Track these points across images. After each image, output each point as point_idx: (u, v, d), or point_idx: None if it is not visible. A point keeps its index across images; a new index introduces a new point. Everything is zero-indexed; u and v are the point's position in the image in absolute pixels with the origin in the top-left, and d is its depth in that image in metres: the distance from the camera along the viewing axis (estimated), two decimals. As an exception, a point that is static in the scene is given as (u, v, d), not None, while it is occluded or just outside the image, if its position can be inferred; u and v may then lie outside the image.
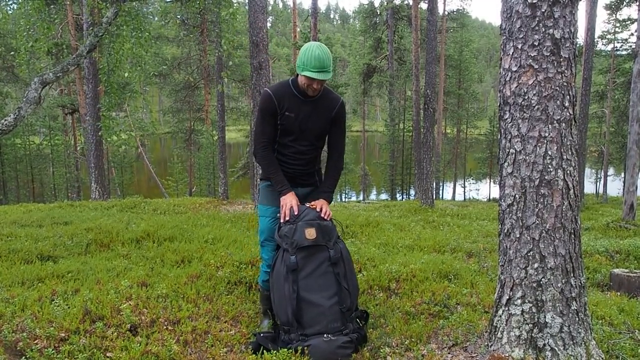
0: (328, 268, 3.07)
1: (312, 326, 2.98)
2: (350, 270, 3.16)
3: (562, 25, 2.52)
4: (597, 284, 5.06)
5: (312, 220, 3.11)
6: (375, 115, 69.37)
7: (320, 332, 2.96)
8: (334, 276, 3.07)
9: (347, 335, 2.99)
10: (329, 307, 3.01)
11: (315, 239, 3.07)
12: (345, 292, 3.07)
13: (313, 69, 2.98)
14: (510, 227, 2.68)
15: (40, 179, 28.96)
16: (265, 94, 3.17)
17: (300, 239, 3.05)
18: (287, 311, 2.99)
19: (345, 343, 2.95)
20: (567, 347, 2.58)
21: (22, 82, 25.66)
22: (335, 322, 3.00)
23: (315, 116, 3.22)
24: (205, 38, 25.48)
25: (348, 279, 3.12)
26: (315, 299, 3.01)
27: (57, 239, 5.87)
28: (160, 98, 60.90)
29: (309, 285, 3.03)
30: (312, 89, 3.10)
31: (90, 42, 6.86)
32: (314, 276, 3.05)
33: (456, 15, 36.41)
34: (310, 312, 2.99)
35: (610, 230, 9.15)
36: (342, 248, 3.17)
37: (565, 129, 2.57)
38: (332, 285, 3.06)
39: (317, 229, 3.09)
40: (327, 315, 2.99)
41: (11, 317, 3.17)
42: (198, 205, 12.49)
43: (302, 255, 3.05)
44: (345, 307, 3.04)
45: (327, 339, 2.92)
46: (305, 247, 3.06)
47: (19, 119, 5.74)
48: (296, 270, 3.02)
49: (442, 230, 8.34)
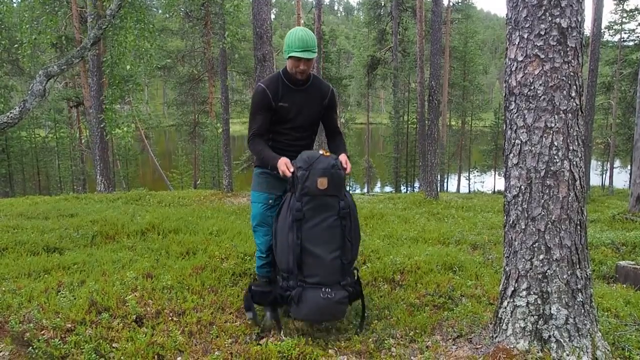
0: (335, 222, 3.04)
1: (311, 276, 2.99)
2: (355, 223, 3.15)
3: (569, 14, 2.49)
4: (603, 276, 5.05)
5: (325, 168, 3.02)
6: (379, 108, 69.15)
7: (319, 283, 2.98)
8: (340, 230, 3.05)
9: (345, 287, 3.04)
10: (330, 260, 3.01)
11: (327, 189, 3.01)
12: (348, 246, 3.07)
13: (297, 49, 3.07)
14: (516, 219, 2.66)
15: (46, 171, 29.06)
16: (259, 88, 3.24)
17: (312, 187, 2.99)
18: (289, 259, 3.01)
19: (342, 299, 3.00)
20: (572, 339, 2.57)
21: (27, 75, 25.69)
22: (335, 275, 3.02)
23: (308, 103, 3.30)
24: (209, 30, 25.41)
25: (353, 232, 3.12)
26: (318, 251, 3.00)
27: (63, 231, 5.90)
28: (164, 91, 60.85)
29: (313, 237, 3.00)
30: (300, 72, 3.16)
31: (94, 35, 6.85)
32: (319, 229, 3.01)
33: (461, 7, 36.09)
34: (311, 262, 3.00)
35: (617, 223, 9.09)
36: (350, 200, 3.14)
37: (572, 119, 2.54)
38: (337, 239, 3.04)
39: (330, 178, 3.02)
40: (327, 267, 3.01)
41: (18, 308, 3.19)
42: (202, 198, 12.51)
43: (311, 206, 3.00)
44: (346, 260, 3.06)
45: (324, 296, 2.96)
46: (315, 196, 3.00)
47: (24, 111, 5.76)
48: (302, 220, 2.99)
49: (446, 222, 8.32)
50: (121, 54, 8.11)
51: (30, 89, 5.93)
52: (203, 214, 7.66)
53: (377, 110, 67.49)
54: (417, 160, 30.27)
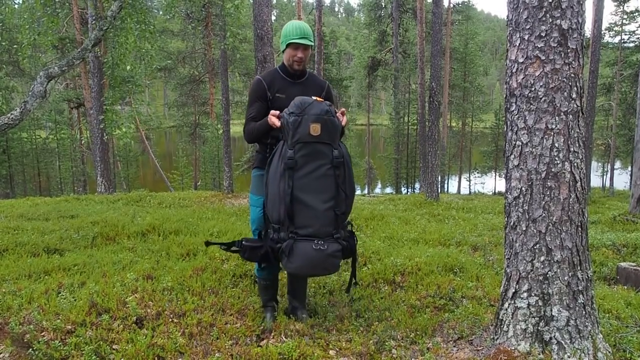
0: (328, 171, 2.96)
1: (303, 227, 2.91)
2: (349, 174, 3.07)
3: (569, 16, 2.49)
4: (604, 277, 5.04)
5: (318, 114, 2.92)
6: (380, 109, 69.19)
7: (311, 235, 2.90)
8: (334, 179, 2.97)
9: (338, 240, 2.96)
10: (323, 210, 2.93)
11: (320, 136, 2.92)
12: (342, 196, 2.99)
13: (295, 37, 3.12)
14: (517, 220, 2.66)
15: (46, 172, 29.10)
16: (256, 79, 3.31)
17: (304, 134, 2.89)
18: (279, 209, 2.93)
19: (335, 252, 2.93)
20: (573, 341, 2.57)
21: (28, 77, 25.76)
22: (328, 227, 2.94)
23: (306, 94, 3.22)
24: (210, 32, 25.44)
25: (347, 183, 3.03)
26: (310, 201, 2.92)
27: (64, 232, 5.90)
28: (165, 92, 60.95)
29: (305, 185, 2.92)
30: (297, 61, 3.19)
31: (95, 36, 6.85)
32: (312, 177, 2.93)
33: (461, 8, 36.11)
34: (304, 213, 2.91)
35: (617, 224, 9.08)
36: (344, 151, 3.05)
37: (573, 120, 2.54)
38: (330, 188, 2.96)
39: (323, 124, 2.92)
40: (320, 218, 2.92)
41: (18, 310, 3.19)
42: (203, 199, 12.51)
43: (304, 153, 2.91)
44: (340, 210, 2.98)
45: (317, 247, 2.88)
46: (308, 143, 2.91)
47: (25, 112, 5.76)
48: (293, 169, 2.91)
49: (447, 223, 8.31)
50: (122, 55, 8.12)
51: (31, 90, 5.93)
52: (203, 215, 7.66)
53: (377, 111, 67.51)
54: (417, 161, 30.27)
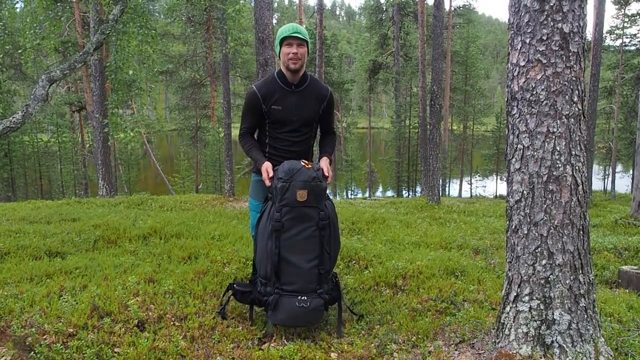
0: (314, 232, 3.08)
1: (289, 284, 3.07)
2: (334, 233, 3.20)
3: (571, 19, 2.49)
4: (606, 281, 5.03)
5: (306, 181, 3.04)
6: (381, 112, 69.19)
7: (295, 291, 3.05)
8: (318, 240, 3.09)
9: (321, 295, 3.10)
10: (308, 269, 3.07)
11: (307, 201, 3.05)
12: (326, 256, 3.12)
13: (288, 32, 3.13)
14: (518, 224, 2.66)
15: (48, 176, 29.15)
16: (251, 91, 3.26)
17: (291, 199, 3.03)
18: (267, 266, 3.08)
19: (318, 307, 3.08)
20: (575, 344, 2.56)
21: (30, 80, 25.83)
22: (312, 284, 3.09)
23: (304, 106, 3.28)
24: (211, 35, 25.49)
25: (332, 242, 3.16)
26: (295, 261, 3.06)
27: (65, 235, 5.90)
28: (166, 95, 61.04)
29: (291, 246, 3.06)
30: (292, 60, 3.15)
31: (97, 40, 6.87)
32: (297, 239, 3.07)
33: (462, 11, 36.17)
34: (289, 271, 3.07)
35: (619, 227, 9.08)
36: (330, 210, 3.16)
37: (574, 124, 2.54)
38: (315, 249, 3.09)
39: (310, 190, 3.04)
40: (304, 276, 3.07)
41: (20, 313, 3.19)
42: (204, 202, 12.52)
43: (290, 217, 3.04)
44: (324, 269, 3.12)
45: (300, 305, 3.03)
46: (295, 207, 3.04)
47: (26, 116, 5.77)
48: (280, 231, 3.05)
49: (448, 227, 8.31)
50: (124, 58, 8.13)
51: (33, 94, 5.95)
52: (205, 218, 7.67)
53: (378, 114, 67.50)
54: (418, 164, 30.27)
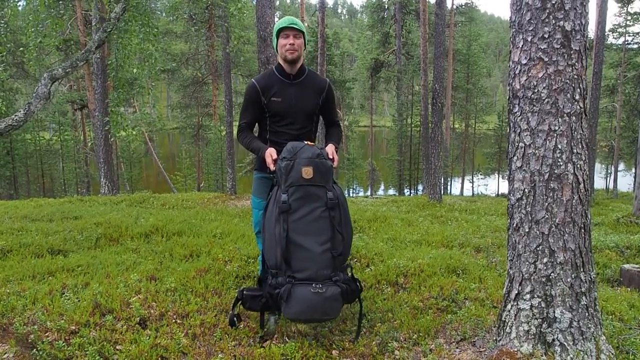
0: (323, 213, 2.94)
1: (301, 271, 2.86)
2: (345, 216, 3.04)
3: (572, 17, 2.49)
4: (607, 279, 5.03)
5: (310, 157, 2.94)
6: (383, 110, 69.13)
7: (309, 279, 2.85)
8: (329, 221, 2.94)
9: (337, 283, 2.88)
10: (320, 252, 2.89)
11: (313, 179, 2.93)
12: (338, 238, 2.95)
13: (283, 24, 3.15)
14: (520, 222, 2.66)
15: (50, 174, 29.20)
16: (250, 84, 3.26)
17: (296, 178, 2.92)
18: (276, 253, 2.89)
19: (334, 295, 2.84)
20: (576, 342, 2.56)
21: (32, 78, 25.84)
22: (326, 269, 2.89)
23: (303, 97, 3.26)
24: (213, 33, 25.48)
25: (343, 224, 3.00)
26: (306, 243, 2.89)
27: (67, 233, 5.92)
28: (168, 93, 61.07)
29: (300, 228, 2.90)
30: (289, 50, 3.16)
31: (99, 38, 6.88)
32: (307, 220, 2.92)
33: (464, 9, 36.10)
34: (300, 256, 2.88)
35: (621, 226, 9.07)
36: (339, 193, 3.04)
37: (576, 122, 2.54)
38: (326, 230, 2.93)
39: (315, 167, 2.94)
40: (317, 261, 2.87)
41: (22, 310, 3.20)
42: (206, 200, 12.53)
43: (298, 196, 2.92)
44: (337, 252, 2.93)
45: (315, 290, 2.81)
46: (301, 186, 2.92)
47: (29, 114, 5.78)
48: (288, 212, 2.90)
49: (450, 225, 8.31)
50: (126, 57, 8.13)
51: (35, 92, 5.96)
52: (207, 216, 7.68)
53: (380, 113, 67.45)
54: (420, 163, 30.25)
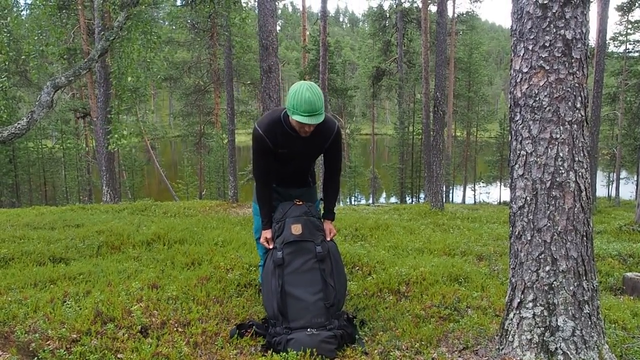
0: (314, 264, 3.14)
1: (296, 320, 3.03)
2: (338, 268, 3.24)
3: (573, 26, 2.50)
4: (610, 287, 5.01)
5: (298, 216, 3.22)
6: (384, 118, 69.20)
7: (304, 327, 3.01)
8: (319, 272, 3.13)
9: (331, 330, 3.01)
10: (313, 302, 3.06)
11: (302, 234, 3.18)
12: (330, 289, 3.11)
13: (304, 113, 2.87)
14: (522, 230, 2.66)
15: (52, 182, 29.23)
16: (257, 135, 3.12)
17: (287, 235, 3.18)
18: (273, 305, 3.08)
19: (329, 338, 2.96)
20: (579, 351, 2.55)
21: (35, 86, 25.97)
22: (319, 318, 3.04)
23: (309, 148, 3.25)
24: (215, 42, 25.63)
25: (335, 276, 3.18)
26: (300, 294, 3.07)
27: (69, 241, 5.92)
28: (170, 102, 61.30)
29: (294, 280, 3.10)
30: (304, 132, 3.06)
31: (102, 46, 6.92)
32: (299, 272, 3.13)
33: (466, 18, 36.23)
34: (295, 306, 3.06)
35: (623, 234, 9.04)
36: (330, 246, 3.26)
37: (577, 130, 2.54)
38: (318, 281, 3.12)
39: (304, 224, 3.20)
40: (310, 310, 3.05)
41: (24, 318, 3.20)
42: (208, 208, 12.53)
43: (289, 251, 3.16)
44: (329, 303, 3.08)
45: (310, 333, 2.96)
46: (292, 242, 3.16)
47: (31, 122, 5.81)
48: (282, 265, 3.12)
49: (452, 233, 8.29)
50: (128, 65, 8.17)
51: (38, 100, 5.99)
52: (208, 224, 7.68)
53: (382, 121, 67.50)
54: (422, 171, 30.23)
